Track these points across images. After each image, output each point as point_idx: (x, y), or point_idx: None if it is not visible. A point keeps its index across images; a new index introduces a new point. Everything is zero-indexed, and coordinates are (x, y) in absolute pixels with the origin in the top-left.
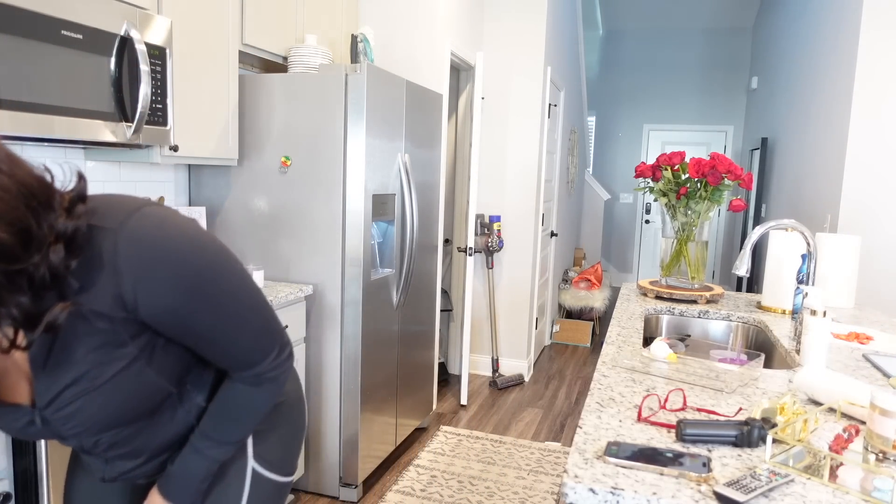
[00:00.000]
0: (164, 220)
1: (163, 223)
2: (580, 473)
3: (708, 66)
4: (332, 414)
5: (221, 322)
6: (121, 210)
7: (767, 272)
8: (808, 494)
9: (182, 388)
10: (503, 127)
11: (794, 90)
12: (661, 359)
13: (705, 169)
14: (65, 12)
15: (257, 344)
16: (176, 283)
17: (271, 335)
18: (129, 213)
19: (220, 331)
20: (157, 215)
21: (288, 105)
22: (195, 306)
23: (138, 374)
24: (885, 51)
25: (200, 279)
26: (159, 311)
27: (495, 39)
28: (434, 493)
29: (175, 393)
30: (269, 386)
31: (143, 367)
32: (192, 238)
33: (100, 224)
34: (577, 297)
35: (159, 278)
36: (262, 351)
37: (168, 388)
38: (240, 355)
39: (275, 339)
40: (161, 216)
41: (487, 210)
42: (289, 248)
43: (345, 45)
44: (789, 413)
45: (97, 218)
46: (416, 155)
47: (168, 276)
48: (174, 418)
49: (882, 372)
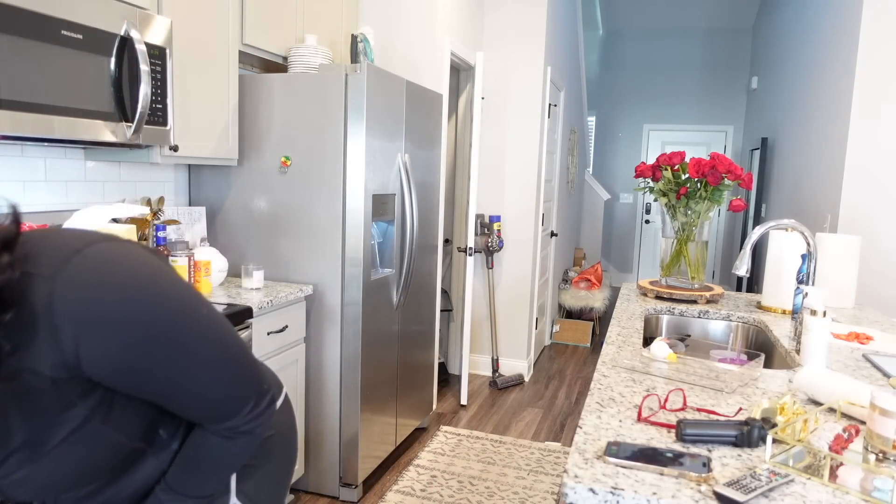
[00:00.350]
0: (111, 264)
1: (108, 267)
2: (580, 473)
3: (708, 66)
4: (331, 414)
5: (183, 377)
6: (59, 253)
7: (767, 272)
8: (808, 494)
9: (151, 440)
10: (503, 127)
11: (794, 90)
12: (661, 359)
13: (705, 169)
14: (65, 12)
15: (229, 396)
16: (123, 339)
17: (246, 385)
18: (68, 256)
19: (182, 386)
20: (102, 258)
21: (288, 105)
22: (148, 363)
23: (93, 435)
24: (885, 51)
25: (154, 332)
26: (107, 371)
27: (495, 39)
28: (434, 493)
29: (142, 448)
30: (244, 439)
31: (99, 427)
32: (144, 284)
33: (33, 271)
34: (577, 297)
35: (102, 334)
36: (234, 404)
37: (132, 444)
38: (209, 410)
39: (250, 389)
40: (107, 258)
41: (487, 210)
42: (289, 248)
43: (345, 45)
44: (789, 413)
45: (30, 264)
46: (416, 155)
47: (113, 332)
48: (146, 469)
49: (882, 372)
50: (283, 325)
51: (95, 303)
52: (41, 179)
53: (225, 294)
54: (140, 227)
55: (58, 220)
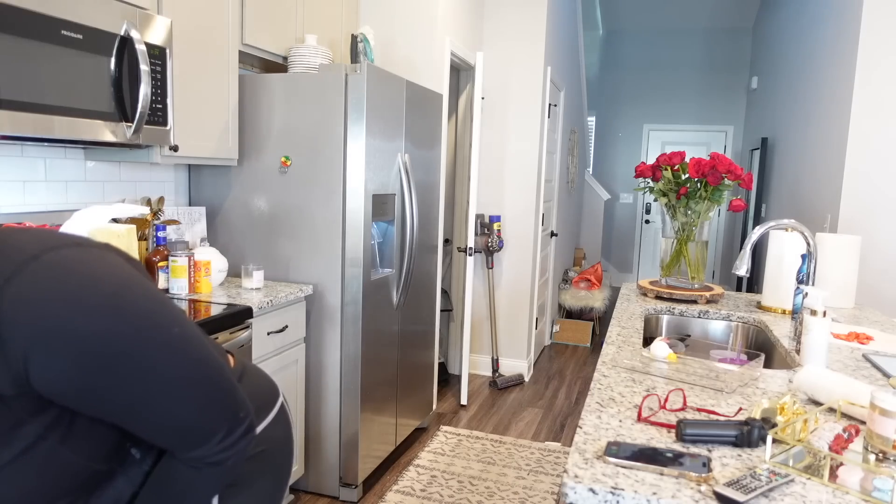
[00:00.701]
0: (69, 272)
1: (65, 275)
2: (580, 473)
3: (708, 66)
4: (332, 414)
5: (145, 400)
6: (15, 257)
7: (767, 272)
8: (808, 494)
9: (121, 460)
10: (503, 127)
11: (794, 90)
12: (661, 359)
13: (705, 169)
14: (65, 12)
15: (197, 423)
16: (76, 356)
17: (217, 412)
18: (24, 262)
19: (143, 410)
20: (62, 265)
21: (288, 105)
22: (105, 382)
23: (48, 455)
24: (885, 51)
25: (111, 349)
26: (58, 389)
27: (495, 39)
28: (434, 493)
29: (109, 469)
30: (212, 472)
31: (55, 447)
32: (104, 295)
33: None
34: (577, 297)
35: (53, 348)
36: (203, 432)
37: (94, 467)
38: (174, 437)
39: (222, 416)
40: (67, 265)
41: (487, 210)
42: (289, 248)
43: (345, 45)
44: (789, 413)
45: None
46: (416, 155)
47: (65, 346)
48: (117, 488)
49: (882, 372)
50: (283, 325)
51: (47, 313)
52: (41, 179)
53: (225, 294)
54: (140, 227)
55: (58, 220)
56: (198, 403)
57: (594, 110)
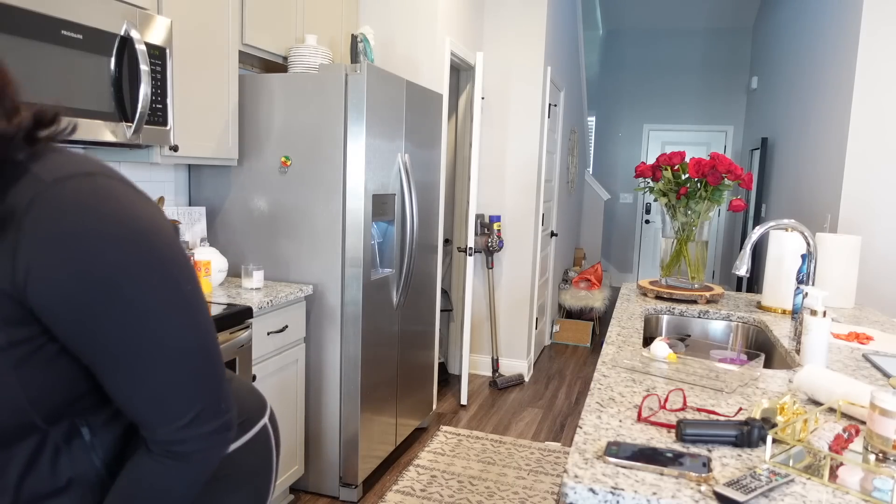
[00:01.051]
0: (108, 196)
1: (105, 198)
2: (580, 473)
3: (708, 66)
4: (332, 414)
5: (132, 346)
6: (65, 167)
7: (767, 272)
8: (808, 494)
9: (62, 430)
10: (503, 127)
11: (794, 90)
12: (661, 359)
13: (705, 169)
14: (65, 12)
15: (175, 392)
16: (83, 269)
17: (199, 388)
18: (71, 174)
19: (125, 357)
20: (105, 188)
21: (288, 105)
22: (101, 311)
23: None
24: (885, 51)
25: (118, 280)
26: (51, 300)
27: (495, 39)
28: (434, 493)
29: (44, 429)
30: (178, 467)
31: (6, 368)
32: (134, 231)
33: (35, 170)
34: (577, 297)
35: (63, 259)
36: (177, 404)
37: (32, 414)
38: (145, 401)
39: (202, 395)
40: (108, 191)
41: (487, 210)
42: (289, 248)
43: (345, 45)
44: (789, 413)
45: (38, 164)
46: (416, 155)
47: (75, 261)
48: (54, 465)
49: (882, 372)
50: (283, 325)
51: (70, 224)
52: None
53: (225, 294)
54: None
55: None
56: (183, 370)
57: (594, 110)
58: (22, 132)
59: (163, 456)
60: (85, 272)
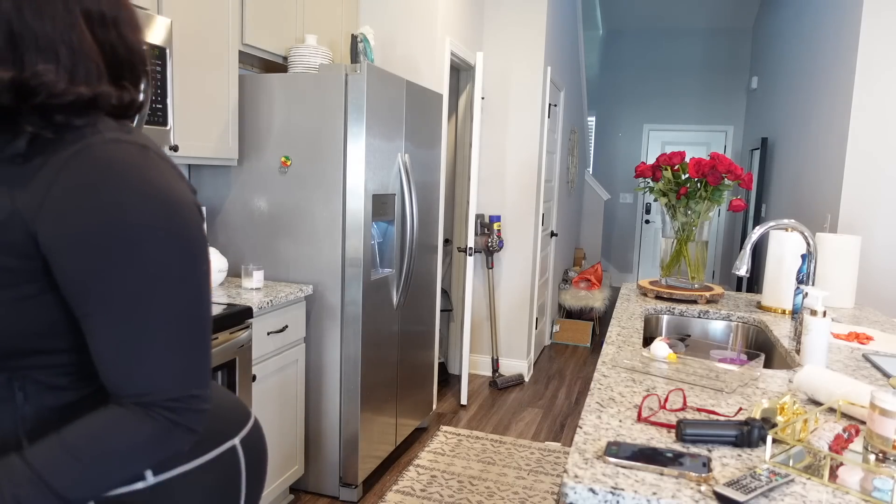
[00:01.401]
0: (152, 166)
1: (148, 166)
2: (580, 473)
3: (708, 66)
4: (332, 414)
5: (133, 302)
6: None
7: (767, 272)
8: (808, 494)
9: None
10: (503, 127)
11: (794, 90)
12: (661, 359)
13: (705, 169)
14: None
15: (156, 362)
16: (113, 219)
17: (180, 368)
18: (125, 139)
19: (122, 311)
20: (153, 159)
21: (288, 105)
22: (117, 260)
23: None
24: (884, 51)
25: (143, 236)
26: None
27: (495, 39)
28: (434, 493)
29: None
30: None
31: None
32: (168, 199)
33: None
34: (577, 297)
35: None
36: (154, 374)
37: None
38: (124, 359)
39: (181, 376)
40: (154, 162)
41: (487, 210)
42: (289, 248)
43: (345, 45)
44: (789, 413)
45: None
46: (416, 155)
47: (106, 205)
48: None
49: (882, 372)
50: (283, 325)
51: (111, 178)
52: None
53: (225, 294)
54: None
55: None
56: (175, 343)
57: (594, 110)
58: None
59: (142, 409)
60: (113, 222)
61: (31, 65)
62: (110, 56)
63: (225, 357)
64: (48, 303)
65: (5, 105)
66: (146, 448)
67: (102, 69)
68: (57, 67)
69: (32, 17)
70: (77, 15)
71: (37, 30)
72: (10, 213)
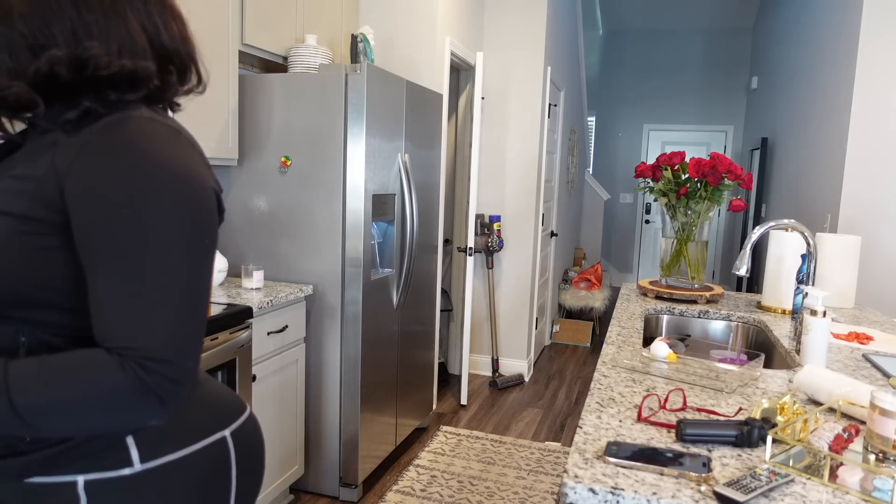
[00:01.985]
0: (178, 144)
1: (175, 144)
2: (580, 473)
3: (708, 66)
4: (332, 414)
5: (128, 257)
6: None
7: (767, 272)
8: (808, 494)
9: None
10: (503, 127)
11: (794, 90)
12: (661, 359)
13: (705, 169)
14: None
15: (144, 315)
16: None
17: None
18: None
19: (119, 264)
20: (182, 142)
21: (288, 105)
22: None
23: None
24: (885, 51)
25: (143, 198)
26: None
27: (495, 39)
28: (434, 493)
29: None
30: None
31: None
32: (187, 176)
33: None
34: (577, 297)
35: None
36: (146, 332)
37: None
38: (113, 309)
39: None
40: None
41: (487, 210)
42: (289, 248)
43: (345, 45)
44: (789, 413)
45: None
46: (416, 155)
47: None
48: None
49: (882, 372)
50: (283, 325)
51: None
52: None
53: (225, 294)
54: None
55: None
56: (163, 304)
57: (594, 110)
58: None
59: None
60: (127, 185)
61: (81, 42)
62: (154, 38)
63: (225, 357)
64: (62, 259)
65: (65, 79)
66: (111, 398)
67: (147, 49)
68: (103, 44)
69: (86, 9)
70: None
71: (88, 17)
72: (48, 170)
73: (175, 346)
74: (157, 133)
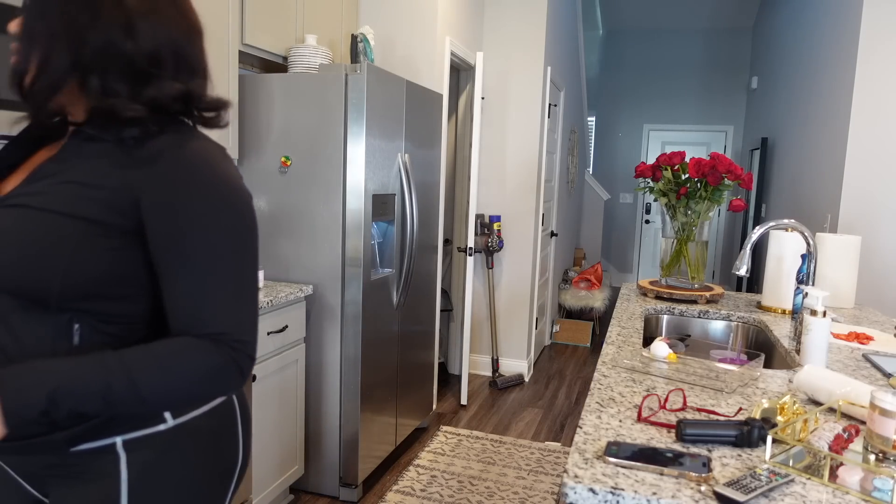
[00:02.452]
0: (231, 166)
1: (229, 166)
2: (580, 473)
3: (708, 66)
4: (332, 414)
5: (205, 258)
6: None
7: (767, 272)
8: (808, 494)
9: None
10: (503, 127)
11: (794, 90)
12: (661, 359)
13: (705, 169)
14: None
15: (226, 305)
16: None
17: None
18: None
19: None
20: (230, 165)
21: (288, 105)
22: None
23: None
24: (885, 51)
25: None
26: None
27: (495, 39)
28: (434, 493)
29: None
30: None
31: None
32: (242, 196)
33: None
34: (577, 297)
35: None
36: (227, 316)
37: (54, 286)
38: (199, 302)
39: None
40: (232, 167)
41: (487, 210)
42: (289, 248)
43: (345, 45)
44: (789, 413)
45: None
46: (416, 155)
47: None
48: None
49: (882, 372)
50: (283, 325)
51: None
52: None
53: None
54: None
55: None
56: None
57: (594, 110)
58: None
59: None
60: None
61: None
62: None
63: None
64: (124, 257)
65: (174, 110)
66: (209, 375)
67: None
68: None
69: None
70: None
71: (190, 56)
72: (122, 183)
73: (249, 328)
74: (212, 151)
